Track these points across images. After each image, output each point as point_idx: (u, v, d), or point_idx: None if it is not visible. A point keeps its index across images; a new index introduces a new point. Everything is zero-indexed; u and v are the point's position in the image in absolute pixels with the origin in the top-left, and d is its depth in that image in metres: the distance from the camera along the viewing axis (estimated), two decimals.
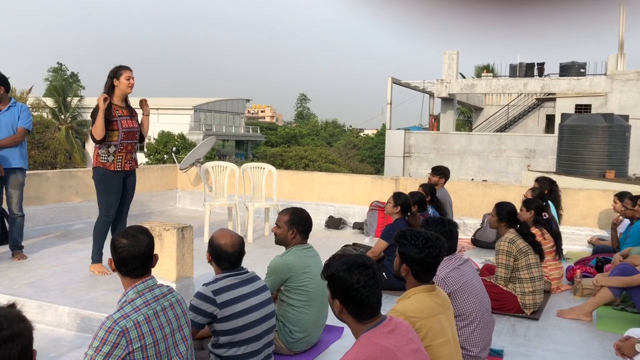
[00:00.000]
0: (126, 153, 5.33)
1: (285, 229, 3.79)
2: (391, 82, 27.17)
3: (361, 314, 2.27)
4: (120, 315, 2.49)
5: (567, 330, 4.43)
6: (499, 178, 23.39)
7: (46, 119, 37.79)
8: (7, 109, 5.70)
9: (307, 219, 3.87)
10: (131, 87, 5.25)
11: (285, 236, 3.80)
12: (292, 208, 3.93)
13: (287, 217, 3.81)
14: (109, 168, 5.24)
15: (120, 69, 5.21)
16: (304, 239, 3.85)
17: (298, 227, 3.79)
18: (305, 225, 3.84)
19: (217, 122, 57.25)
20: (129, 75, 5.22)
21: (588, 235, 7.51)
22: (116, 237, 2.67)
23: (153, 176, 9.45)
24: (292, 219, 3.79)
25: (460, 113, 43.47)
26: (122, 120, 5.23)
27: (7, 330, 1.58)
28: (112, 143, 5.21)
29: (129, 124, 5.30)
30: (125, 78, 5.20)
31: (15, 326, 1.60)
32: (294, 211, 3.86)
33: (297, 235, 3.80)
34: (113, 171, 5.26)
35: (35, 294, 4.68)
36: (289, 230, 3.78)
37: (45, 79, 63.56)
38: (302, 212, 3.89)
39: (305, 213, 3.90)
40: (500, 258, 4.70)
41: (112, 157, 5.24)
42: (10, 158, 5.69)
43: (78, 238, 6.89)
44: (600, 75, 25.51)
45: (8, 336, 1.57)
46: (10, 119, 5.69)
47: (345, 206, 8.76)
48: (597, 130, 15.43)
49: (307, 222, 3.86)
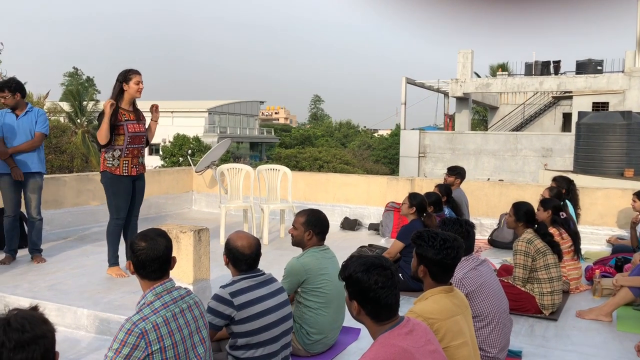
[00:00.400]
0: (132, 157, 5.31)
1: (301, 230, 3.80)
2: (405, 82, 27.08)
3: (379, 315, 2.27)
4: (139, 317, 2.51)
5: (586, 331, 4.38)
6: (516, 177, 23.20)
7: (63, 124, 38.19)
8: (25, 114, 5.78)
9: (324, 220, 3.86)
10: (140, 92, 5.23)
11: (302, 237, 3.80)
12: (308, 209, 3.93)
13: (304, 219, 3.81)
14: (115, 172, 5.24)
15: (130, 73, 5.18)
16: (320, 241, 3.85)
17: (315, 229, 3.79)
18: (321, 227, 3.83)
19: (232, 125, 57.54)
20: (138, 80, 5.19)
21: (607, 234, 7.42)
22: (134, 240, 2.69)
23: (169, 179, 9.51)
24: (309, 220, 3.79)
25: (476, 112, 43.19)
26: (129, 124, 5.22)
27: (31, 333, 1.60)
28: (117, 147, 5.22)
29: (135, 128, 5.28)
30: (135, 83, 5.17)
31: (38, 328, 1.62)
32: (311, 212, 3.86)
33: (314, 237, 3.80)
34: (120, 175, 5.26)
35: (54, 296, 4.73)
36: (306, 231, 3.78)
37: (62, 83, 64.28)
38: (318, 213, 3.89)
39: (322, 214, 3.90)
40: (518, 258, 4.66)
41: (118, 161, 5.24)
42: (29, 162, 5.77)
43: (95, 241, 6.96)
44: (617, 73, 25.20)
45: (31, 338, 1.60)
46: (28, 124, 5.78)
47: (361, 207, 8.74)
48: (615, 128, 15.23)
49: (324, 224, 3.85)
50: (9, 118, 5.74)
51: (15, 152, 5.69)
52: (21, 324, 1.60)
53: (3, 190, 5.80)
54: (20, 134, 5.74)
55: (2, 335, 1.57)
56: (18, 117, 5.75)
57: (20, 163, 5.71)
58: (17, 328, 1.59)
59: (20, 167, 5.71)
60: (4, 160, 5.68)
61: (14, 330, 1.59)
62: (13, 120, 5.74)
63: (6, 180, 5.74)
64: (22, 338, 1.59)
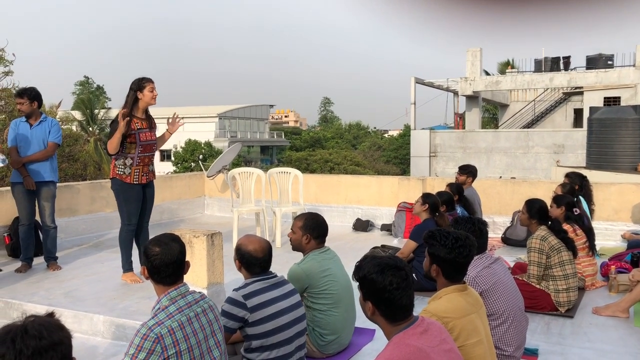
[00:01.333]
0: (143, 166, 5.34)
1: (299, 234, 3.78)
2: (414, 82, 27.01)
3: (394, 316, 2.26)
4: (154, 322, 2.52)
5: (603, 327, 4.34)
6: (528, 175, 23.04)
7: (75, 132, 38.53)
8: (39, 124, 5.85)
9: (322, 223, 3.81)
10: (155, 99, 5.28)
11: (300, 241, 3.79)
12: (306, 213, 3.90)
13: (301, 223, 3.79)
14: (126, 180, 5.27)
15: (143, 81, 5.23)
16: (319, 244, 3.81)
17: (312, 232, 3.76)
18: (319, 231, 3.79)
19: (242, 129, 57.72)
20: (152, 87, 5.24)
21: (621, 230, 7.35)
22: (148, 246, 2.70)
23: (181, 184, 9.56)
24: (306, 224, 3.77)
25: (486, 110, 42.96)
26: (141, 133, 5.24)
27: (48, 339, 1.61)
28: (129, 155, 5.25)
29: (147, 136, 5.31)
30: (149, 90, 5.22)
31: (55, 335, 1.63)
32: (308, 216, 3.83)
33: (312, 241, 3.77)
34: (130, 183, 5.29)
35: (70, 303, 4.78)
36: (304, 235, 3.77)
37: (73, 92, 64.84)
38: (316, 217, 3.84)
39: (320, 218, 3.85)
40: (533, 256, 4.63)
41: (129, 169, 5.27)
42: (42, 171, 5.83)
43: (110, 247, 7.01)
44: (628, 67, 24.95)
45: (49, 345, 1.61)
46: (41, 133, 5.84)
47: (373, 208, 8.73)
48: (627, 123, 15.08)
49: (321, 227, 3.81)
50: (23, 127, 5.81)
51: (28, 162, 5.75)
52: (38, 330, 1.61)
53: (17, 199, 5.87)
54: (33, 143, 5.80)
55: (20, 343, 1.58)
56: (32, 127, 5.81)
57: (33, 172, 5.77)
58: (34, 335, 1.60)
59: (33, 176, 5.77)
60: (17, 169, 5.75)
61: (32, 337, 1.60)
62: (27, 129, 5.80)
63: (20, 189, 5.80)
64: (40, 345, 1.59)
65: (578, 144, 22.12)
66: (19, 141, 5.78)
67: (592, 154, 16.01)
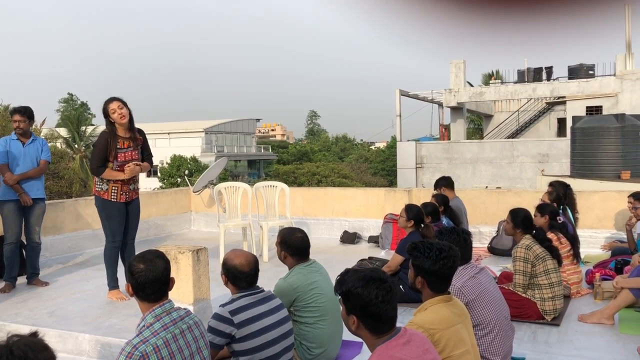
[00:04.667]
0: (122, 185, 5.24)
1: (279, 249, 3.80)
2: (399, 94, 27.24)
3: (379, 328, 2.27)
4: (139, 340, 2.51)
5: (589, 334, 4.37)
6: (513, 184, 23.24)
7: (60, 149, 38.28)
8: (31, 142, 5.93)
9: (299, 240, 3.72)
10: (123, 118, 5.08)
11: (280, 257, 3.81)
12: (285, 229, 3.86)
13: (279, 239, 3.79)
14: (104, 197, 5.24)
15: (107, 103, 5.10)
16: (299, 260, 3.75)
17: (288, 250, 3.74)
18: (294, 249, 3.72)
19: (229, 143, 57.64)
20: (114, 109, 5.06)
21: (606, 237, 7.42)
22: (133, 263, 2.69)
23: (167, 200, 9.52)
24: (282, 241, 3.76)
25: (470, 121, 43.35)
26: (120, 153, 5.14)
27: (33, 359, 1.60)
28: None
29: (126, 156, 5.18)
30: (112, 112, 5.07)
31: (40, 355, 1.62)
32: (285, 232, 3.79)
33: (289, 257, 3.75)
34: (109, 200, 5.24)
35: (55, 322, 4.72)
36: (281, 251, 3.77)
37: (57, 110, 64.54)
38: (292, 233, 3.77)
39: (298, 234, 3.76)
40: (518, 265, 4.66)
41: (107, 186, 5.23)
42: (35, 189, 5.89)
43: (95, 265, 6.94)
44: (609, 76, 25.38)
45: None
46: (34, 151, 5.93)
47: (360, 220, 8.75)
48: (609, 131, 15.30)
49: (297, 245, 3.72)
50: (15, 145, 5.83)
51: (22, 179, 5.76)
52: (24, 351, 1.60)
53: (5, 217, 5.83)
54: (26, 161, 5.85)
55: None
56: (25, 145, 5.87)
57: (26, 189, 5.80)
58: (19, 355, 1.59)
59: (27, 193, 5.80)
60: (11, 187, 5.73)
61: (17, 358, 1.59)
62: (19, 147, 5.84)
63: (10, 206, 5.79)
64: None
65: (562, 153, 22.38)
66: (11, 159, 5.79)
67: (576, 163, 16.20)
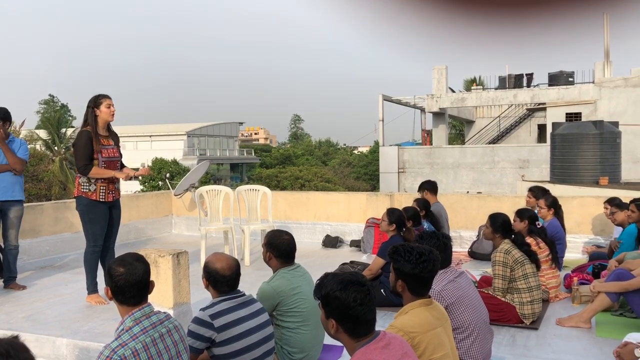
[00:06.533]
0: (108, 183, 5.26)
1: (264, 250, 3.78)
2: (382, 99, 27.35)
3: (358, 332, 2.28)
4: (118, 344, 2.48)
5: (567, 338, 4.43)
6: (494, 189, 23.46)
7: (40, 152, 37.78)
8: (9, 142, 5.80)
9: (285, 243, 3.71)
10: (113, 115, 5.24)
11: (265, 258, 3.79)
12: (272, 231, 3.87)
13: (265, 240, 3.78)
14: (91, 197, 5.19)
15: (100, 97, 5.19)
16: (284, 263, 3.75)
17: (273, 251, 3.72)
18: (279, 250, 3.71)
19: (211, 146, 57.39)
20: (109, 103, 5.20)
21: (584, 242, 7.53)
22: (112, 266, 2.67)
23: (147, 203, 9.44)
24: (268, 242, 3.75)
25: (452, 127, 43.72)
26: (103, 150, 5.19)
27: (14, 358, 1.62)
28: None
29: (110, 153, 5.26)
30: (106, 106, 5.18)
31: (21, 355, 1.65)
32: (272, 234, 3.79)
33: (274, 259, 3.74)
34: (96, 201, 5.21)
35: (32, 327, 4.66)
36: (267, 252, 3.76)
37: (37, 111, 63.71)
38: (279, 235, 3.76)
39: (285, 237, 3.75)
40: (497, 269, 4.71)
41: (94, 185, 5.20)
42: (13, 190, 5.78)
43: (74, 269, 6.87)
44: (588, 84, 25.76)
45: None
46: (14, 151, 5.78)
47: (342, 224, 8.77)
48: (588, 138, 15.54)
49: (282, 247, 3.71)
50: None
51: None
52: (6, 349, 1.64)
53: None
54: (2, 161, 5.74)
55: None
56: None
57: (4, 190, 5.69)
58: (2, 353, 1.63)
59: (5, 194, 5.71)
60: None
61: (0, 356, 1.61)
62: None
63: None
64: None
65: (542, 158, 22.65)
66: None
67: (556, 169, 16.42)
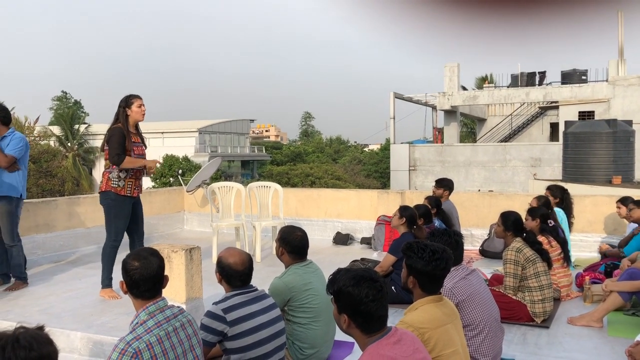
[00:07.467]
0: (135, 179, 5.50)
1: (277, 245, 3.82)
2: (393, 96, 27.29)
3: (370, 327, 2.29)
4: (132, 337, 2.52)
5: (578, 337, 4.42)
6: (506, 188, 23.34)
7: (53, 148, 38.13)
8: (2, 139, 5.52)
9: (298, 239, 3.74)
10: (143, 115, 5.47)
11: (278, 253, 3.83)
12: (286, 227, 3.90)
13: (279, 235, 3.81)
14: (120, 193, 5.37)
15: (131, 97, 5.40)
16: (296, 259, 3.77)
17: (286, 247, 3.75)
18: (292, 246, 3.74)
19: (222, 144, 57.51)
20: (140, 103, 5.42)
21: (596, 241, 7.49)
22: (127, 260, 2.71)
23: (160, 199, 9.51)
24: (281, 237, 3.78)
25: (464, 125, 43.50)
26: (135, 147, 5.41)
27: (37, 352, 1.63)
28: (125, 168, 5.35)
29: (140, 150, 5.50)
30: (137, 106, 5.40)
31: (44, 348, 1.65)
32: (286, 230, 3.82)
33: (286, 254, 3.77)
34: (123, 196, 5.39)
35: (46, 320, 4.70)
36: (280, 247, 3.79)
37: (50, 108, 64.25)
38: (292, 231, 3.79)
39: (298, 233, 3.78)
40: (508, 267, 4.70)
41: (123, 182, 5.39)
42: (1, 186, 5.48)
43: (87, 263, 6.94)
44: (602, 82, 25.54)
45: (37, 357, 1.62)
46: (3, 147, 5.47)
47: (352, 222, 8.78)
48: (601, 137, 15.41)
49: (295, 243, 3.74)
50: None
51: None
52: (29, 342, 1.64)
53: None
54: None
55: (10, 352, 1.60)
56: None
57: None
58: (25, 346, 1.63)
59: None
60: None
61: (22, 348, 1.62)
62: None
63: None
64: (29, 356, 1.61)
65: (554, 157, 22.50)
66: None
67: (568, 167, 16.29)
